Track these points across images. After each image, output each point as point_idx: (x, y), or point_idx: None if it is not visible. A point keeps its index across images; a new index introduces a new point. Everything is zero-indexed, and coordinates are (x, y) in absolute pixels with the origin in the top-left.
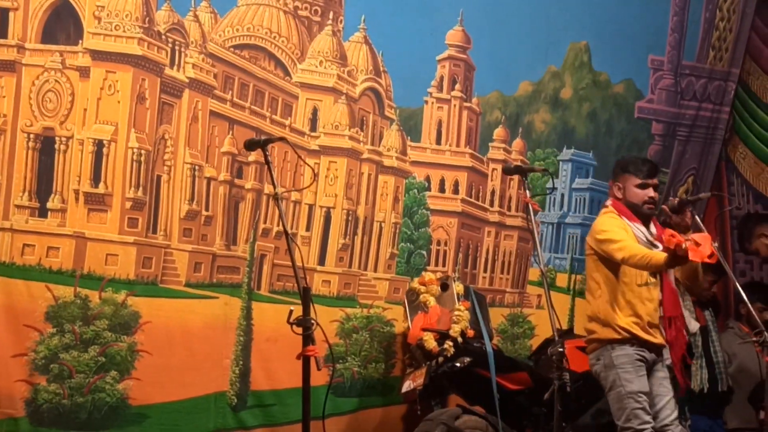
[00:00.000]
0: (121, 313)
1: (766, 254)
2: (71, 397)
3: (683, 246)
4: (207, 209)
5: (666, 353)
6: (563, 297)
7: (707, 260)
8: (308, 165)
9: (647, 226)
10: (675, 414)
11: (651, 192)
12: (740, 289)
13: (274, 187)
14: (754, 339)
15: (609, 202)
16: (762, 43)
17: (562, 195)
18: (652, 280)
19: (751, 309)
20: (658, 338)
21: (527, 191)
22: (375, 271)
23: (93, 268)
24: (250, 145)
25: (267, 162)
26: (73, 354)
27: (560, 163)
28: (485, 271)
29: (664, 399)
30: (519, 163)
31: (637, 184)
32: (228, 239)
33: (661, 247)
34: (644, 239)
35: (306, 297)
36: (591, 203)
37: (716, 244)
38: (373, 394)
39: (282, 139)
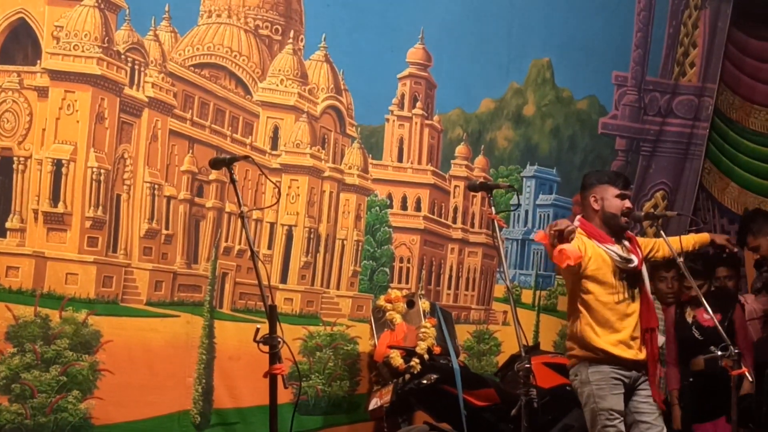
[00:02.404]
0: (82, 332)
1: (766, 253)
2: (33, 417)
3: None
4: (167, 228)
5: None
6: (528, 313)
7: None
8: (274, 184)
9: (620, 242)
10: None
11: (628, 203)
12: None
13: (240, 206)
14: (720, 353)
15: (577, 223)
16: (738, 70)
17: (526, 211)
18: (628, 295)
19: (709, 311)
20: (640, 353)
21: (492, 208)
22: (338, 288)
23: (53, 288)
24: (216, 164)
25: (232, 181)
26: (35, 374)
27: (524, 179)
28: (449, 288)
29: (651, 417)
30: (483, 180)
31: (617, 194)
32: (189, 258)
33: (636, 261)
34: (618, 258)
35: (272, 315)
36: (555, 219)
37: (681, 259)
38: (338, 412)
39: (247, 157)
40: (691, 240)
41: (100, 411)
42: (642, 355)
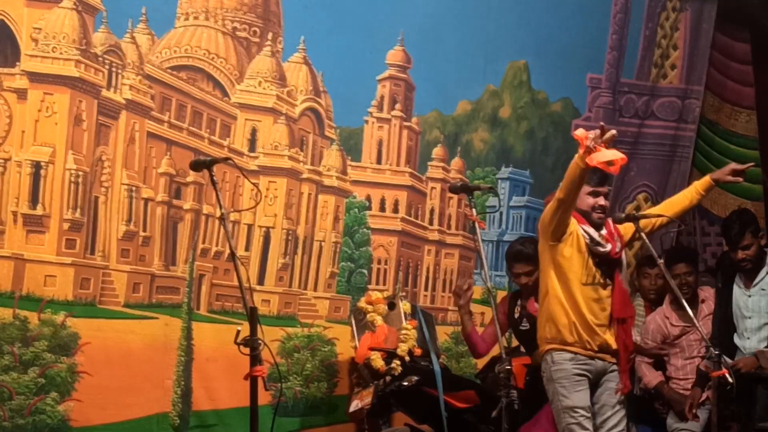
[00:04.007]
0: (60, 335)
1: (752, 255)
2: (12, 419)
3: (589, 144)
4: (145, 230)
5: None
6: None
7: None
8: (255, 186)
9: (598, 230)
10: (622, 426)
11: (602, 200)
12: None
13: (221, 208)
14: (700, 356)
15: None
16: (722, 75)
17: (501, 213)
18: (598, 280)
19: (682, 299)
20: (607, 341)
21: (473, 210)
22: (315, 290)
23: (31, 290)
24: (196, 166)
25: (213, 183)
26: (13, 375)
27: (498, 181)
28: (426, 289)
29: (612, 410)
30: (463, 182)
31: (589, 191)
32: (167, 259)
33: (610, 247)
34: (589, 239)
35: (253, 317)
36: (527, 221)
37: (661, 261)
38: (317, 414)
39: (227, 159)
40: (692, 191)
41: (79, 413)
42: (608, 342)
